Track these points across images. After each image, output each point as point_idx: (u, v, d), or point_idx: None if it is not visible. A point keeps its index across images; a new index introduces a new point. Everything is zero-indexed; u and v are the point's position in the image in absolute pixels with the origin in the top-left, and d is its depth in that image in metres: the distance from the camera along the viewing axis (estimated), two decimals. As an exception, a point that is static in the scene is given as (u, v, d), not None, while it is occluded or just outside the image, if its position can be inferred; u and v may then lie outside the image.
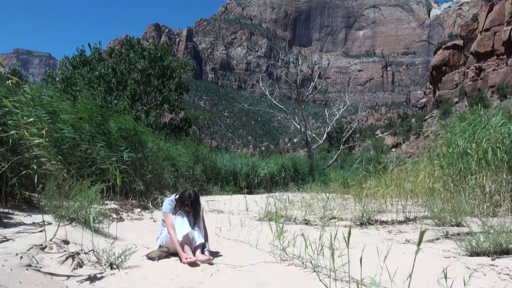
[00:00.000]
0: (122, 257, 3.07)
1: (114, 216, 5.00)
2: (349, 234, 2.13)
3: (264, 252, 3.65)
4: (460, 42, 63.80)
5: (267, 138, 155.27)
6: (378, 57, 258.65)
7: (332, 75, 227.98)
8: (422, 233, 1.49)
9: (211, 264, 3.36)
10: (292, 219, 5.64)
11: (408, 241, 3.97)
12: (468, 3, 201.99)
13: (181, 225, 3.58)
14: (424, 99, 79.41)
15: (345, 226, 5.01)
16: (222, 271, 3.16)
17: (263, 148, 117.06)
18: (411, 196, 6.02)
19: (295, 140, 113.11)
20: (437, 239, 3.87)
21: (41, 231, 3.11)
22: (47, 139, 3.48)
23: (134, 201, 6.24)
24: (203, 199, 5.99)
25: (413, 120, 76.35)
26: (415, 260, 1.88)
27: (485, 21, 52.39)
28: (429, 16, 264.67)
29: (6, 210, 3.68)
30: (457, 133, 5.95)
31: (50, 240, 3.01)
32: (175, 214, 3.69)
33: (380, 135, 76.38)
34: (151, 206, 6.48)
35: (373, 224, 5.05)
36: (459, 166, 5.34)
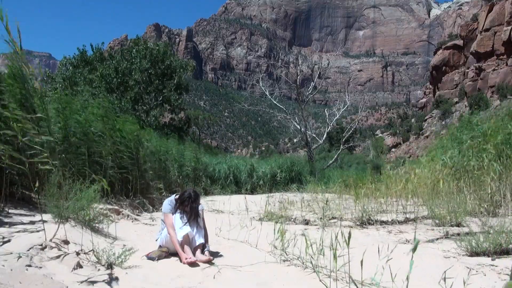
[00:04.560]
0: (122, 257, 3.07)
1: (114, 216, 5.00)
2: (349, 235, 2.13)
3: (264, 252, 3.65)
4: (460, 42, 63.79)
5: (267, 138, 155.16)
6: (378, 57, 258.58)
7: (332, 75, 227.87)
8: (416, 244, 1.49)
9: (211, 264, 3.36)
10: (292, 219, 5.64)
11: (408, 241, 3.97)
12: (468, 3, 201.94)
13: (181, 225, 3.58)
14: (424, 99, 79.41)
15: (345, 226, 5.01)
16: (222, 271, 3.16)
17: (263, 148, 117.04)
18: (411, 196, 6.02)
19: (295, 140, 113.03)
20: (437, 239, 3.87)
21: (41, 231, 3.11)
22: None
23: (134, 201, 6.23)
24: (203, 199, 5.99)
25: (413, 120, 76.38)
26: (413, 259, 1.87)
27: (485, 21, 52.39)
28: (429, 16, 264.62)
29: (6, 210, 3.68)
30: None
31: (50, 240, 3.01)
32: (175, 214, 3.69)
33: (380, 135, 76.45)
34: (151, 206, 6.48)
35: (373, 224, 5.05)
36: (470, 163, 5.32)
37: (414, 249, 1.49)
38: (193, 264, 3.31)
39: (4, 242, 2.78)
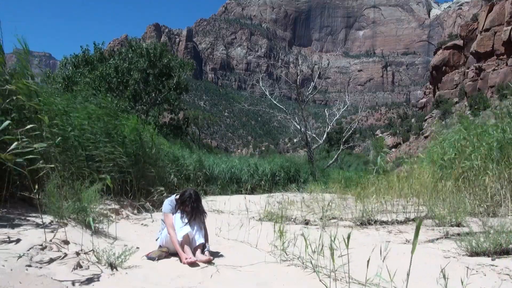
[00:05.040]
0: (122, 257, 3.07)
1: (114, 216, 5.00)
2: (349, 236, 2.13)
3: (264, 252, 3.65)
4: (460, 42, 63.78)
5: (267, 138, 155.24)
6: (378, 57, 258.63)
7: (332, 75, 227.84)
8: (418, 226, 1.49)
9: (211, 264, 3.36)
10: (292, 219, 5.64)
11: (408, 241, 3.97)
12: (468, 3, 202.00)
13: (181, 225, 3.58)
14: (424, 99, 79.40)
15: (345, 226, 5.01)
16: (222, 271, 3.16)
17: (263, 148, 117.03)
18: (411, 196, 6.02)
19: (295, 140, 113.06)
20: (437, 239, 3.87)
21: (41, 231, 3.11)
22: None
23: (134, 201, 6.23)
24: (203, 199, 5.98)
25: (413, 120, 76.43)
26: (412, 259, 1.87)
27: (485, 21, 52.38)
28: (429, 16, 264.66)
29: (6, 210, 3.68)
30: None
31: (50, 240, 3.01)
32: (175, 214, 3.69)
33: (380, 135, 76.46)
34: (151, 207, 6.47)
35: (373, 224, 5.05)
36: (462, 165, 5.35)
37: (412, 250, 1.50)
38: (193, 264, 3.31)
39: (4, 242, 2.78)
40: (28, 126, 3.29)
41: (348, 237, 2.12)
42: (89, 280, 2.61)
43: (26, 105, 3.65)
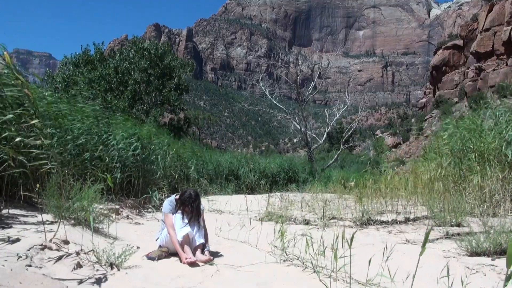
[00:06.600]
0: (122, 257, 3.06)
1: (114, 216, 5.00)
2: (352, 237, 2.14)
3: (264, 252, 3.65)
4: (460, 42, 63.78)
5: (267, 138, 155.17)
6: (378, 57, 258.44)
7: (332, 75, 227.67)
8: (427, 234, 1.49)
9: (211, 264, 3.36)
10: (292, 219, 5.64)
11: (408, 241, 3.97)
12: (468, 3, 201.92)
13: (181, 225, 3.58)
14: (424, 99, 79.39)
15: (345, 226, 5.01)
16: (222, 271, 3.16)
17: (263, 148, 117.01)
18: (411, 197, 6.02)
19: (295, 140, 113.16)
20: (437, 239, 3.87)
21: (41, 231, 3.11)
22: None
23: (134, 201, 6.23)
24: (203, 199, 5.98)
25: (413, 120, 76.43)
26: (412, 260, 1.87)
27: (485, 21, 52.38)
28: (429, 16, 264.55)
29: (6, 210, 3.68)
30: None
31: (50, 240, 3.01)
32: (175, 214, 3.69)
33: (380, 135, 76.45)
34: (152, 207, 6.47)
35: (373, 224, 5.05)
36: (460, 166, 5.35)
37: (421, 253, 1.50)
38: (193, 264, 3.31)
39: (5, 242, 2.78)
40: (35, 121, 3.27)
41: (352, 239, 2.13)
42: (89, 280, 2.61)
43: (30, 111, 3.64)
